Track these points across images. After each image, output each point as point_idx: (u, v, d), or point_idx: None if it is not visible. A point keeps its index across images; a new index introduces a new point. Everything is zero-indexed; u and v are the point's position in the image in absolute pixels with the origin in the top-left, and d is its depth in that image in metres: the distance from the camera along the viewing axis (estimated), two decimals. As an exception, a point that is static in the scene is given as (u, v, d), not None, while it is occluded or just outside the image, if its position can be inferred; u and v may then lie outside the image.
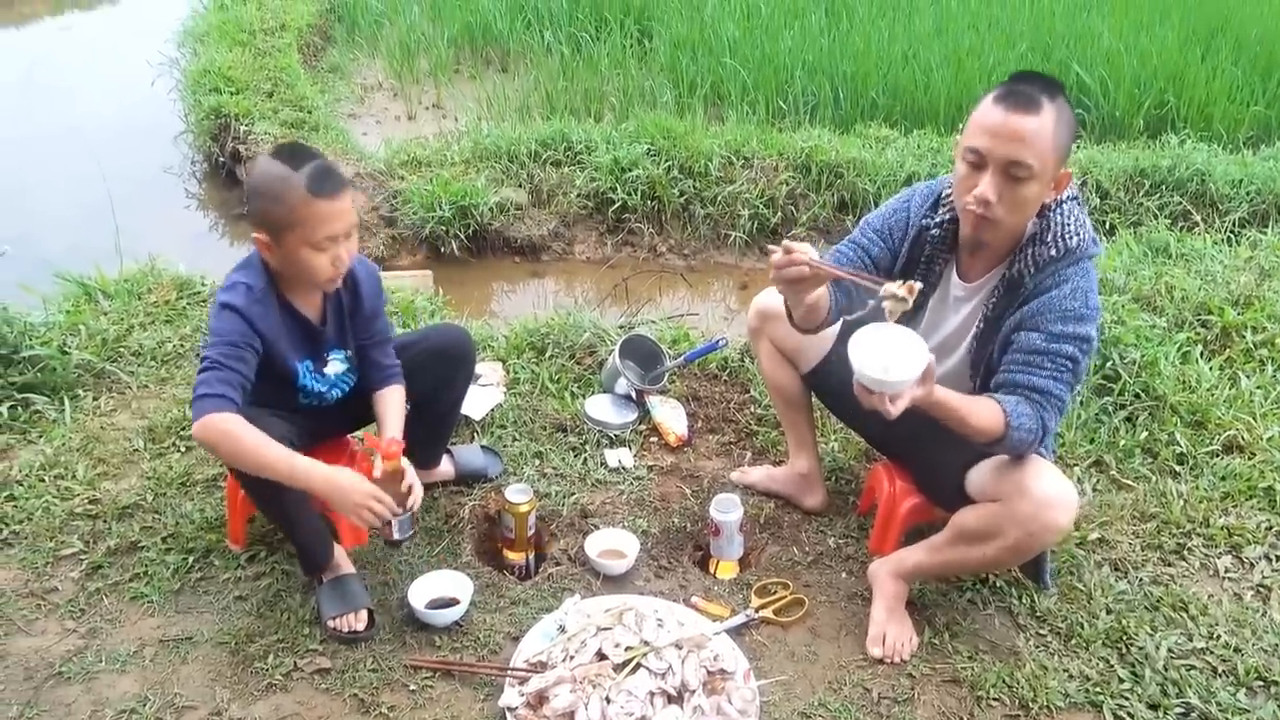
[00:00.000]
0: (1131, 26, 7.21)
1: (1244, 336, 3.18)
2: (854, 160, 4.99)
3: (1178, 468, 2.68)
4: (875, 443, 2.40)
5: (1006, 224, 1.77)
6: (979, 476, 1.94)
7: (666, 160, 4.93)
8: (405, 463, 1.94)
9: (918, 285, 1.67)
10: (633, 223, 4.82)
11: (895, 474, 2.28)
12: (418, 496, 1.94)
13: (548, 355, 2.94)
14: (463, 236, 4.54)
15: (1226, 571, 2.36)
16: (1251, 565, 2.38)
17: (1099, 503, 2.54)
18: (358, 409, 2.14)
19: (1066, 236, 1.82)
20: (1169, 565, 2.37)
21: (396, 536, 1.98)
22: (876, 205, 5.08)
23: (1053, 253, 1.81)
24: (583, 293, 4.55)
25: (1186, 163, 5.26)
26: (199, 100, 5.55)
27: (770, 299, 2.23)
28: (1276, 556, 2.41)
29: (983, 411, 1.77)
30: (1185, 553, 2.40)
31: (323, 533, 2.04)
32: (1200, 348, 3.14)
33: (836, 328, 2.24)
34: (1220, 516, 2.51)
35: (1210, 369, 3.01)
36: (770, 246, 1.74)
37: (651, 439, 2.68)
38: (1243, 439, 2.75)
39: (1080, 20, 7.32)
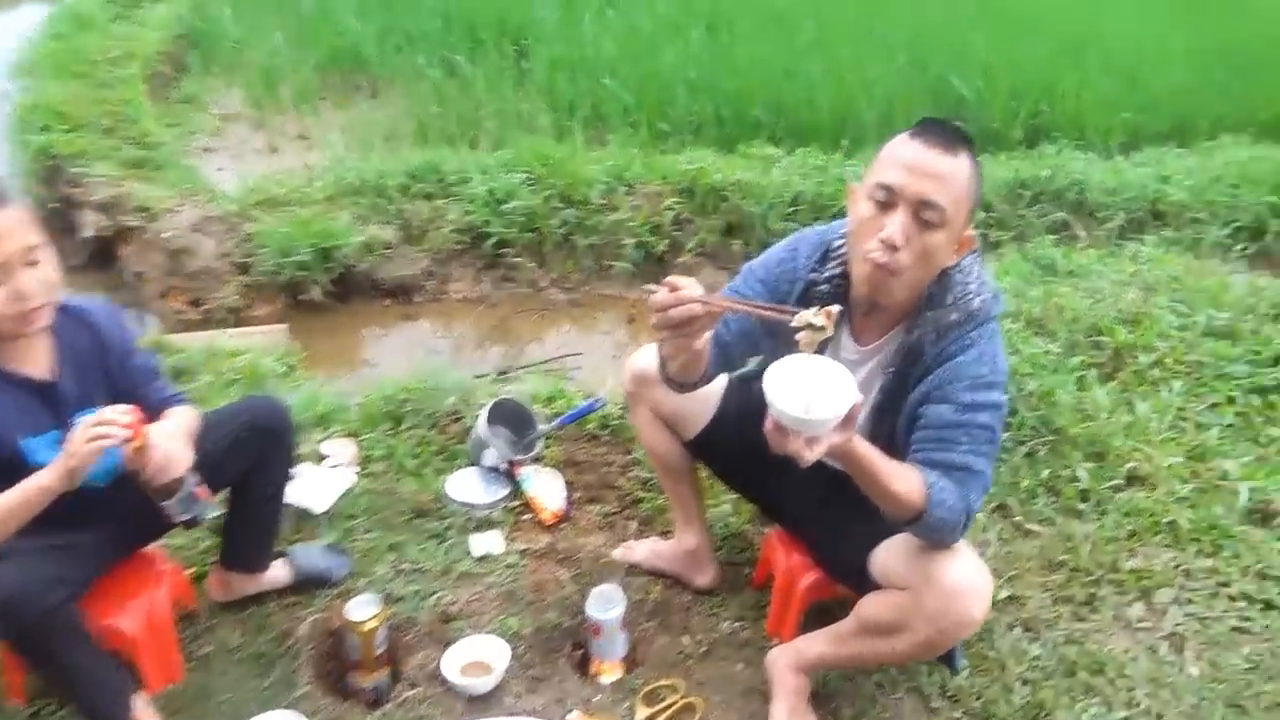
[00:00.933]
0: (1004, 38, 7.31)
1: (1135, 358, 3.11)
2: (740, 182, 4.83)
3: (1081, 506, 2.56)
4: (772, 512, 2.19)
5: (907, 278, 1.58)
6: (883, 558, 1.74)
7: (546, 189, 4.67)
8: (149, 431, 1.60)
9: (837, 309, 1.47)
10: (511, 257, 4.55)
11: (792, 545, 2.07)
12: (170, 460, 1.60)
13: (405, 426, 2.64)
14: (325, 281, 4.18)
15: (1139, 621, 2.24)
16: (1163, 613, 2.26)
17: (1006, 554, 2.38)
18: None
19: (968, 299, 1.64)
20: (1081, 620, 2.23)
21: (181, 516, 1.67)
22: (765, 228, 5.03)
23: (954, 317, 1.63)
24: (460, 334, 4.25)
25: (1065, 172, 5.28)
26: (26, 140, 5.03)
27: (646, 360, 2.00)
28: (1186, 599, 2.30)
29: (905, 477, 1.57)
30: (1096, 603, 2.27)
31: (114, 681, 1.70)
32: (1094, 372, 3.05)
33: (720, 386, 2.02)
34: (1128, 558, 2.39)
35: (1105, 395, 2.91)
36: (648, 287, 1.48)
37: (525, 517, 2.41)
38: (1143, 470, 2.65)
39: (955, 33, 7.38)
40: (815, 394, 1.44)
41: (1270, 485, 2.62)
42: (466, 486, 2.41)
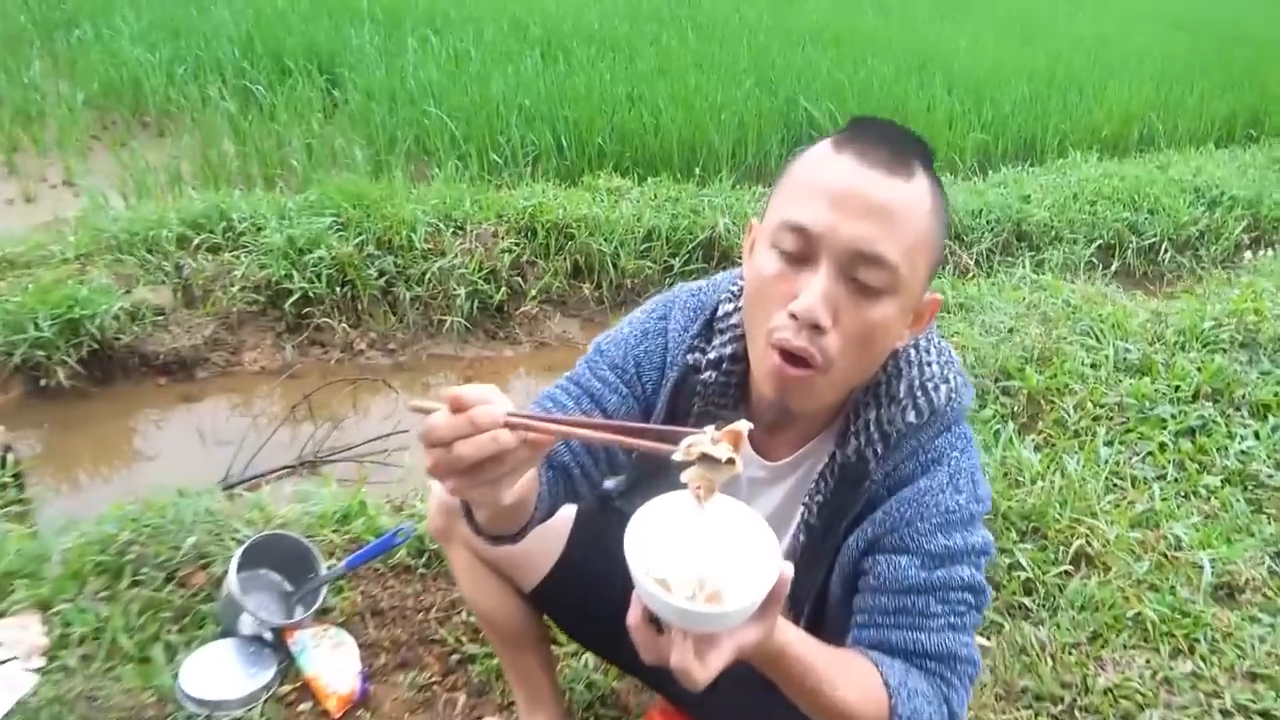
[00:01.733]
0: (849, 60, 7.11)
1: (1053, 403, 2.69)
2: (586, 217, 4.27)
3: (1027, 601, 2.08)
4: (651, 680, 1.56)
5: (836, 375, 1.01)
6: None
7: (359, 234, 3.96)
8: None
9: (746, 427, 0.87)
10: (319, 317, 3.79)
11: (683, 728, 1.45)
12: None
13: (126, 584, 1.84)
14: (73, 360, 3.31)
15: (1129, 763, 1.73)
16: (1154, 745, 1.77)
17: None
18: None
19: (930, 386, 1.09)
20: (1060, 770, 1.71)
21: None
22: (617, 267, 4.45)
23: (910, 418, 1.08)
24: (259, 415, 3.46)
25: (928, 195, 5.00)
26: None
27: None
28: (1176, 721, 1.81)
29: (854, 679, 1.00)
30: (1074, 744, 1.75)
31: None
32: (1012, 424, 2.60)
33: (568, 512, 1.40)
34: (1098, 672, 1.90)
35: (1031, 453, 2.46)
36: (416, 404, 0.85)
37: (302, 707, 1.69)
38: (1091, 547, 2.18)
39: (799, 55, 7.15)
40: (712, 565, 0.87)
41: (1230, 553, 2.21)
42: (213, 672, 1.66)
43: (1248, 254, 5.03)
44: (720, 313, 1.19)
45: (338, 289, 3.84)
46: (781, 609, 1.17)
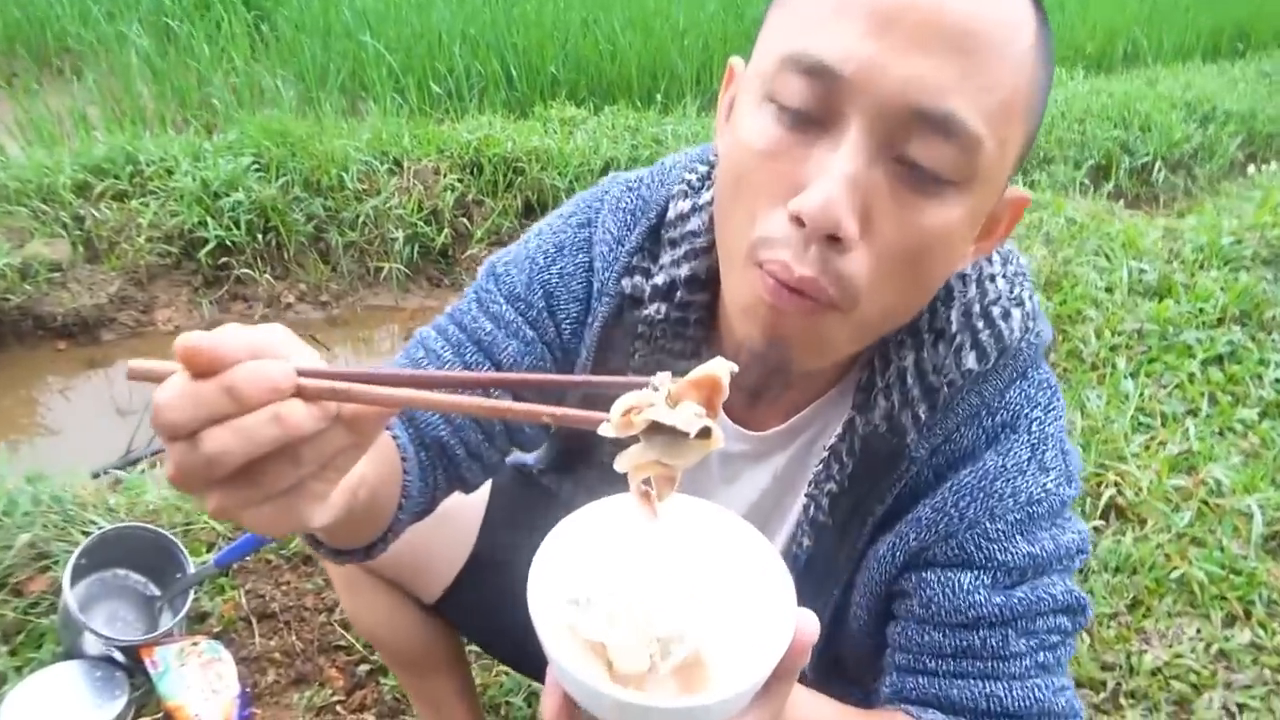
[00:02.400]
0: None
1: (1067, 331, 2.38)
2: (537, 150, 3.89)
3: (1052, 563, 1.75)
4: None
5: (866, 319, 0.65)
6: None
7: (282, 175, 3.54)
8: None
9: (727, 369, 0.50)
10: (239, 268, 3.39)
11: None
12: None
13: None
14: (-49, 326, 2.91)
15: (1189, 759, 1.43)
16: (1215, 734, 1.47)
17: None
18: None
19: (996, 314, 0.72)
20: (1108, 773, 1.40)
21: None
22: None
23: (970, 362, 0.72)
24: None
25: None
26: None
27: None
28: (1238, 706, 1.52)
29: None
30: (1122, 738, 1.45)
31: None
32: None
33: (478, 496, 1.05)
34: (1143, 649, 1.59)
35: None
36: (137, 366, 0.50)
37: (166, 744, 1.35)
38: (1122, 497, 1.87)
39: (766, -26, 6.68)
40: (679, 615, 0.54)
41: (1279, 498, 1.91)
42: (48, 704, 1.31)
43: (1250, 168, 4.72)
44: (671, 214, 0.80)
45: (260, 237, 3.44)
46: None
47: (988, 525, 0.72)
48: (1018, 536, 0.72)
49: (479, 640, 1.19)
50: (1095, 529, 1.83)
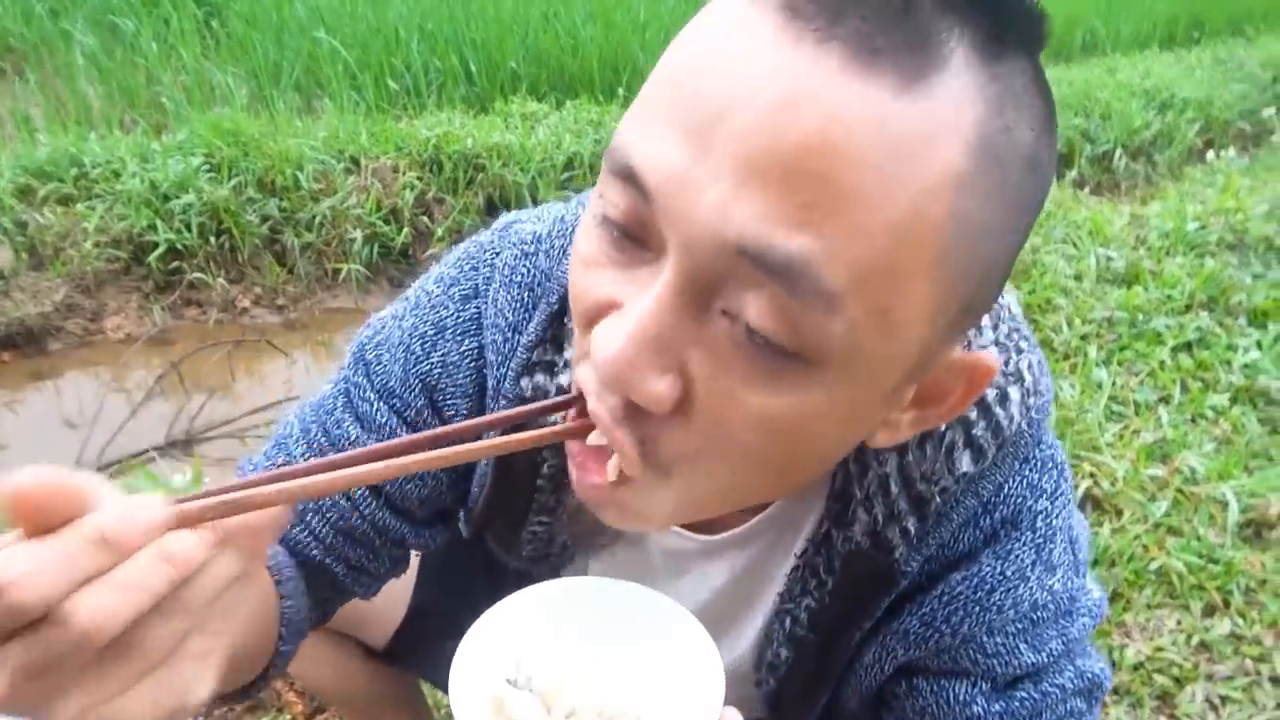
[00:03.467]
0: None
1: (1037, 320, 2.36)
2: (497, 146, 3.82)
3: (1030, 557, 1.73)
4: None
5: (703, 492, 0.51)
6: None
7: (235, 175, 3.44)
8: None
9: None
10: (192, 272, 3.29)
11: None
12: None
13: None
14: (-114, 339, 2.79)
15: (1174, 754, 1.41)
16: (1199, 727, 1.45)
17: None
18: None
19: (990, 398, 0.58)
20: (1093, 772, 1.37)
21: None
22: (536, 200, 4.01)
23: (965, 464, 0.58)
24: (125, 389, 2.97)
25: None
26: None
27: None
28: (1220, 698, 1.50)
29: None
30: (1107, 735, 1.43)
31: None
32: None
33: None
34: (1124, 642, 1.57)
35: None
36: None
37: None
38: (1098, 488, 1.85)
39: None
40: (598, 694, 0.50)
41: (1253, 485, 1.90)
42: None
43: (1209, 154, 4.76)
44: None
45: (213, 239, 3.34)
46: None
47: (985, 640, 0.63)
48: (1020, 646, 0.64)
49: (433, 680, 1.12)
50: (1073, 521, 1.81)
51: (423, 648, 0.99)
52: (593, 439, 0.48)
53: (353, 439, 0.68)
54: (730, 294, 0.43)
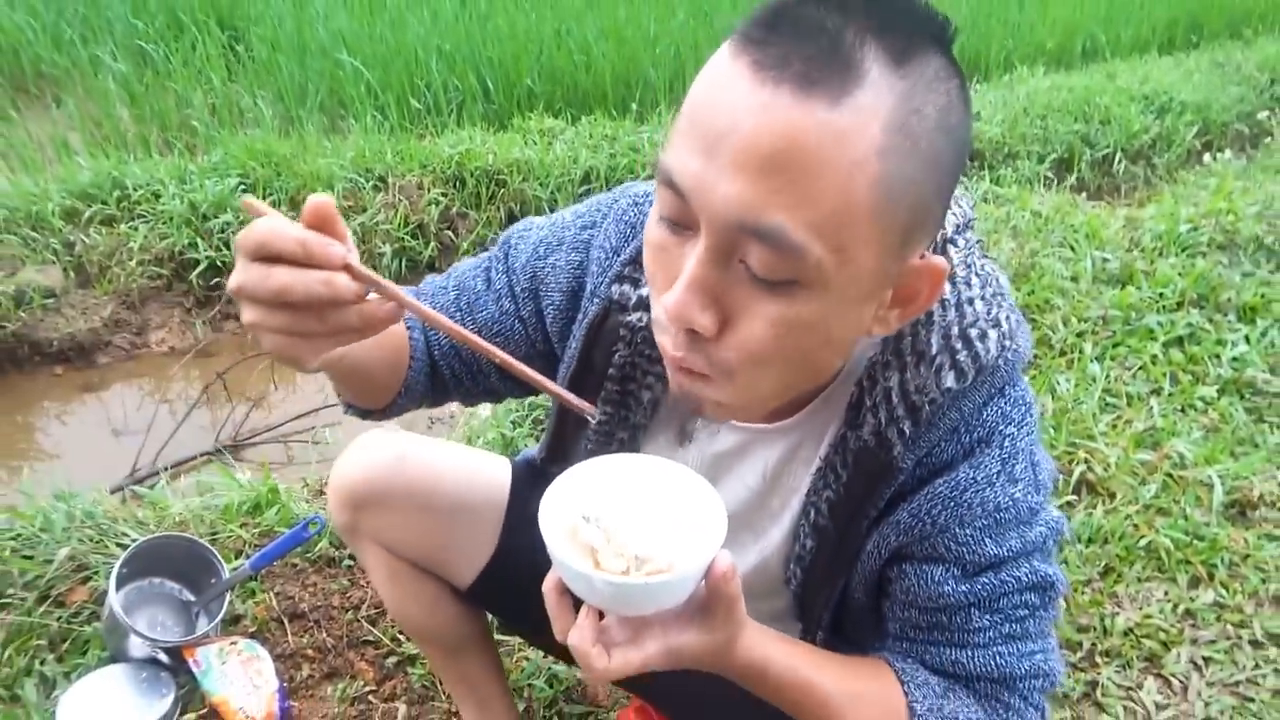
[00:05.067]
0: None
1: (1035, 320, 2.50)
2: (518, 162, 3.98)
3: (1030, 538, 1.87)
4: (630, 685, 1.31)
5: (748, 396, 0.72)
6: None
7: (269, 194, 3.62)
8: None
9: None
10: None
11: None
12: None
13: (-13, 609, 1.56)
14: (-50, 354, 2.96)
15: (1161, 710, 1.55)
16: (1184, 688, 1.60)
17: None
18: None
19: (974, 335, 0.78)
20: (1087, 726, 1.52)
21: None
22: (553, 213, 4.20)
23: (950, 381, 0.77)
24: (165, 400, 3.14)
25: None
26: None
27: (363, 466, 1.09)
28: (1202, 660, 1.64)
29: (866, 701, 0.79)
30: (1099, 696, 1.57)
31: None
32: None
33: (501, 483, 1.15)
34: (1115, 611, 1.71)
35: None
36: (250, 201, 0.68)
37: (210, 736, 1.43)
38: (1092, 473, 1.99)
39: (732, -19, 6.80)
40: (652, 542, 0.72)
41: (1238, 468, 2.04)
42: (99, 705, 1.39)
43: (1206, 157, 4.89)
44: None
45: (250, 256, 3.51)
46: (781, 614, 0.94)
47: (957, 530, 0.79)
48: (986, 540, 0.79)
49: (508, 621, 1.28)
50: (1068, 503, 1.94)
51: (500, 591, 1.14)
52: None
53: (473, 290, 0.98)
54: (742, 251, 0.64)
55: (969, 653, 0.81)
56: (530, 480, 1.16)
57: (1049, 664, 0.83)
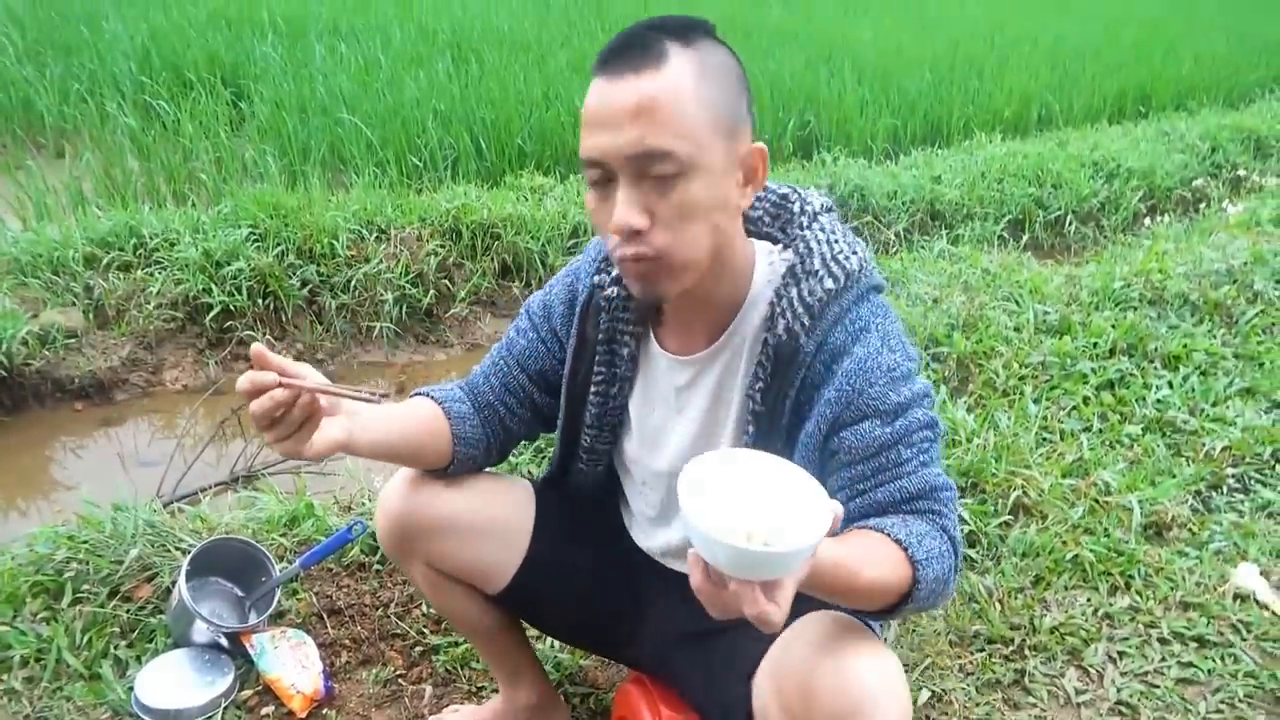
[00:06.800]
0: (759, 51, 7.23)
1: (981, 366, 2.78)
2: (511, 217, 4.26)
3: (972, 552, 2.14)
4: (627, 659, 1.56)
5: (682, 257, 1.07)
6: (764, 688, 1.13)
7: (278, 244, 3.87)
8: None
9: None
10: (242, 330, 3.69)
11: (658, 695, 1.46)
12: None
13: (68, 602, 1.77)
14: (-19, 389, 3.16)
15: (1080, 695, 1.81)
16: (1100, 676, 1.85)
17: (911, 631, 1.90)
18: None
19: (841, 257, 1.15)
20: (1016, 707, 1.77)
21: None
22: (546, 265, 4.46)
23: (829, 284, 1.13)
24: (184, 435, 3.35)
25: (843, 179, 5.14)
26: None
27: (405, 499, 1.35)
28: (1118, 654, 1.90)
29: (876, 555, 1.03)
30: (1026, 681, 1.82)
31: None
32: (944, 388, 2.68)
33: (525, 506, 1.40)
34: (1043, 613, 1.97)
35: (968, 416, 2.54)
36: (257, 349, 1.04)
37: (266, 710, 1.64)
38: (1027, 497, 2.27)
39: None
40: (762, 511, 0.90)
41: (1155, 494, 2.32)
42: (170, 682, 1.61)
43: (1147, 220, 5.27)
44: None
45: (259, 301, 3.75)
46: None
47: (870, 390, 1.10)
48: (889, 393, 1.09)
49: (530, 619, 1.52)
50: (1005, 523, 2.20)
51: (525, 597, 1.40)
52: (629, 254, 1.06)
53: (512, 339, 1.36)
54: (645, 170, 1.00)
55: (905, 480, 1.09)
56: (550, 498, 1.42)
57: (949, 479, 1.13)
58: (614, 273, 1.24)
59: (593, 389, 1.29)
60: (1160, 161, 6.34)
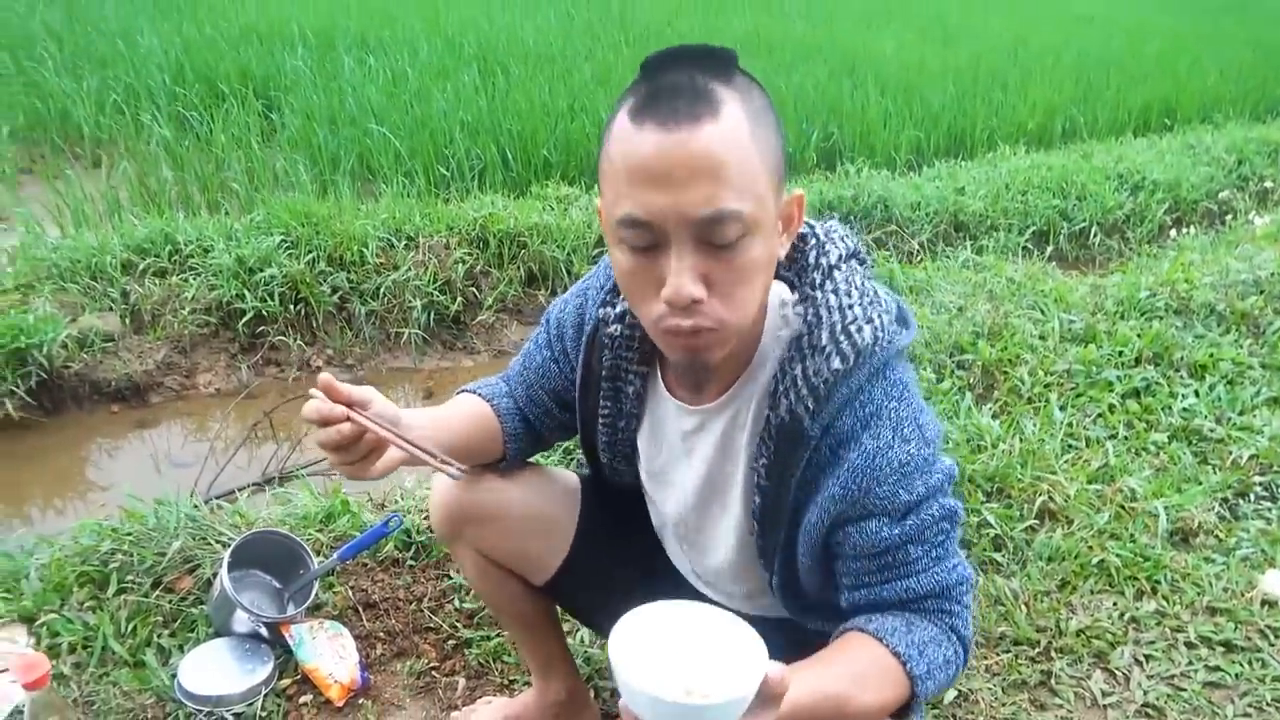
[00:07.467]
0: (782, 65, 7.27)
1: (1006, 374, 2.79)
2: (536, 226, 4.31)
3: (998, 556, 2.15)
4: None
5: (738, 322, 0.97)
6: None
7: (309, 251, 3.93)
8: None
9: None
10: (274, 335, 3.76)
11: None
12: None
13: (113, 591, 1.82)
14: (21, 391, 3.23)
15: (1106, 696, 1.82)
16: (1126, 679, 1.86)
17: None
18: None
19: (853, 329, 1.02)
20: (1042, 708, 1.78)
21: None
22: (571, 273, 4.51)
23: (836, 363, 1.01)
24: (217, 437, 3.41)
25: (867, 191, 5.16)
26: None
27: (459, 487, 1.37)
28: (1144, 657, 1.91)
29: (868, 675, 1.00)
30: (1053, 683, 1.83)
31: None
32: (969, 395, 2.70)
33: (572, 500, 1.43)
34: (1069, 616, 1.98)
35: (990, 420, 2.55)
36: (314, 392, 1.01)
37: (304, 699, 1.68)
38: (1052, 502, 2.28)
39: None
40: (700, 672, 0.87)
41: (1182, 501, 2.32)
42: (211, 670, 1.65)
43: (1172, 233, 5.25)
44: None
45: (291, 307, 3.82)
46: (750, 564, 1.21)
47: (877, 490, 1.01)
48: (900, 490, 1.01)
49: (571, 610, 1.57)
50: (1030, 527, 2.21)
51: (570, 588, 1.44)
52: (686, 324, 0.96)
53: (530, 353, 1.35)
54: (707, 236, 0.90)
55: (914, 579, 1.06)
56: (595, 493, 1.44)
57: (966, 571, 1.09)
58: (620, 307, 1.16)
59: (600, 421, 1.26)
60: (1186, 174, 6.31)
